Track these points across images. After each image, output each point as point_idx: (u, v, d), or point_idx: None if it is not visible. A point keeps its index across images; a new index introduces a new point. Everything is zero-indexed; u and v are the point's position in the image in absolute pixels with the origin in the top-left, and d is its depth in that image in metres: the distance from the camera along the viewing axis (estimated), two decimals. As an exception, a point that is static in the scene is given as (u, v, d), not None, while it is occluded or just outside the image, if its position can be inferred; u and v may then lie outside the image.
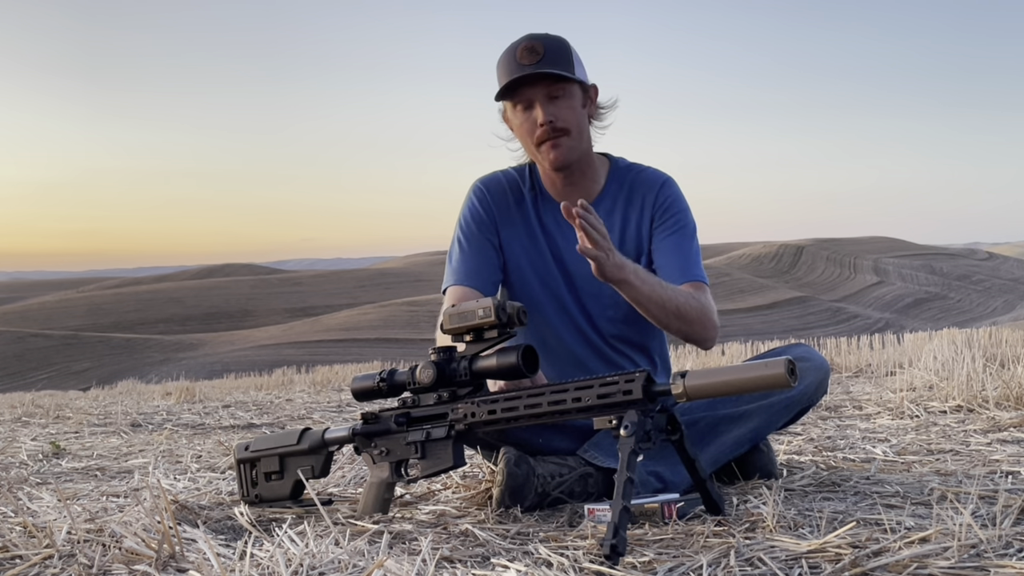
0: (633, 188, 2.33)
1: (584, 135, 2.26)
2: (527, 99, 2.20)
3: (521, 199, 2.34)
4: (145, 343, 56.32)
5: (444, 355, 1.91)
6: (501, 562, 1.50)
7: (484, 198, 2.34)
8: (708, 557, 1.48)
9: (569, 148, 2.22)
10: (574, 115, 2.21)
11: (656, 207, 2.30)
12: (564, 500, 2.03)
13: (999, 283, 79.50)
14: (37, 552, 1.63)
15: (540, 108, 2.18)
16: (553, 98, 2.18)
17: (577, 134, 2.23)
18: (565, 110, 2.19)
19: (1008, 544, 1.49)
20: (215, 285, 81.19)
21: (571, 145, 2.22)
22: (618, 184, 2.34)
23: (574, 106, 2.21)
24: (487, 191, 2.35)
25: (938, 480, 2.13)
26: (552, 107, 2.18)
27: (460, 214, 2.36)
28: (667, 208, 2.30)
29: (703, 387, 1.63)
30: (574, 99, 2.22)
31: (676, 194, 2.33)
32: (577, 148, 2.24)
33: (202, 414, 5.33)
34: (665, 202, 2.30)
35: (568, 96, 2.20)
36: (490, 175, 2.39)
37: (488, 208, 2.33)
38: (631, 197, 2.32)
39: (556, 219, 2.31)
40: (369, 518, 1.92)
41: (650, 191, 2.32)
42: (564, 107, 2.19)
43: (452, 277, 2.29)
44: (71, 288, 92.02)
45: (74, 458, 3.39)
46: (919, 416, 3.40)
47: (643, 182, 2.33)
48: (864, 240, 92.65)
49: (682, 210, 2.31)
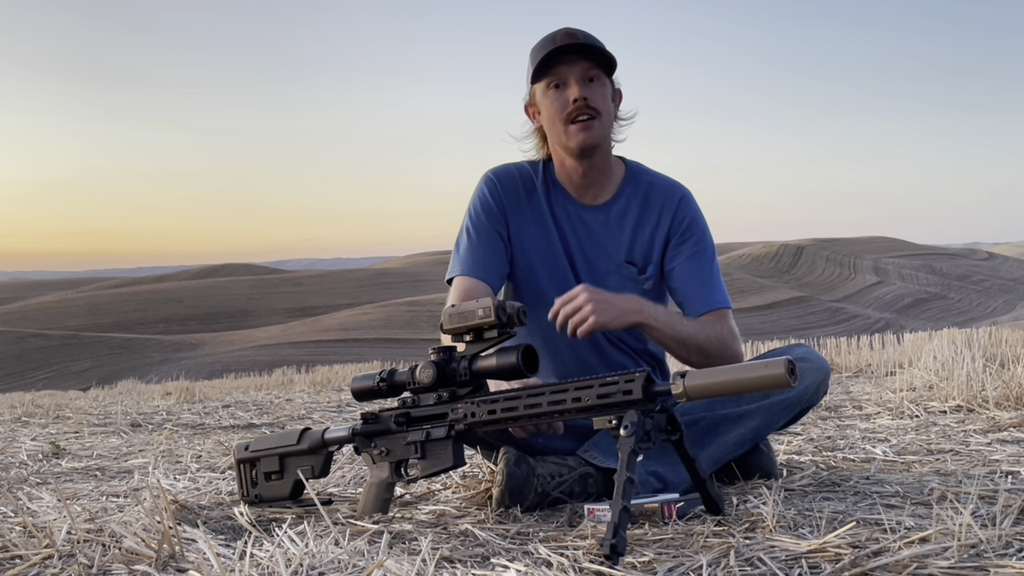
0: (649, 195, 2.31)
1: (610, 126, 2.26)
2: (563, 77, 2.19)
3: (533, 190, 2.33)
4: (145, 343, 56.32)
5: (444, 355, 1.91)
6: (501, 562, 1.50)
7: (495, 188, 2.33)
8: (708, 557, 1.48)
9: (598, 132, 2.21)
10: (605, 102, 2.22)
11: (675, 224, 2.29)
12: (564, 500, 2.03)
13: (999, 283, 79.51)
14: (37, 552, 1.63)
15: (576, 85, 2.18)
16: (589, 80, 2.19)
17: (607, 121, 2.23)
18: (598, 94, 2.20)
19: (1008, 544, 1.49)
20: (215, 285, 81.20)
21: (600, 130, 2.21)
22: (633, 187, 2.32)
23: (606, 94, 2.22)
24: (498, 181, 2.33)
25: (938, 480, 2.13)
26: (588, 88, 2.19)
27: (470, 203, 2.35)
28: (687, 228, 2.29)
29: (703, 387, 1.63)
30: (606, 88, 2.23)
31: (696, 212, 2.32)
32: (604, 135, 2.23)
33: (202, 414, 5.33)
34: (684, 221, 2.29)
35: (602, 83, 2.21)
36: (502, 166, 2.38)
37: (498, 198, 2.32)
38: (647, 203, 2.31)
39: (567, 212, 2.31)
40: (369, 518, 1.92)
41: (668, 204, 2.30)
42: (598, 91, 2.20)
43: (459, 267, 2.28)
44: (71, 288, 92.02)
45: (74, 458, 3.39)
46: (919, 416, 3.40)
47: (660, 191, 2.32)
48: (864, 240, 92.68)
49: (702, 230, 2.31)
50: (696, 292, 2.23)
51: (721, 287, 2.28)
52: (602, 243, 2.28)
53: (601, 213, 2.31)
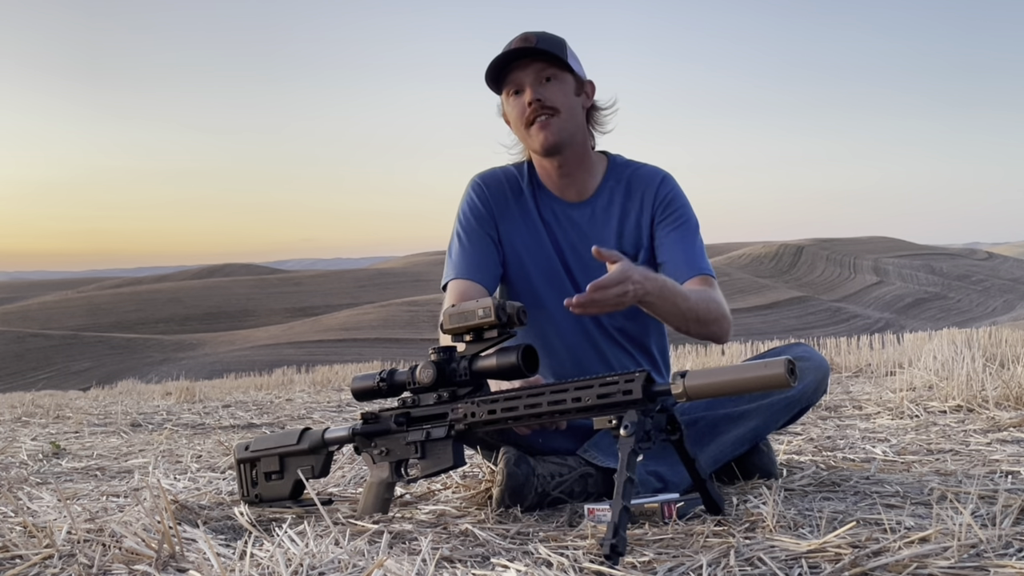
0: (631, 183, 2.33)
1: (576, 120, 2.26)
2: (518, 83, 2.22)
3: (520, 193, 2.35)
4: (145, 343, 56.31)
5: (444, 355, 1.91)
6: (501, 562, 1.50)
7: (482, 193, 2.35)
8: (708, 557, 1.48)
9: (559, 128, 2.22)
10: (565, 98, 2.23)
11: (657, 203, 2.31)
12: (564, 500, 2.03)
13: (999, 283, 79.50)
14: (37, 552, 1.63)
15: (530, 89, 2.20)
16: (544, 81, 2.20)
17: (568, 116, 2.23)
18: (555, 92, 2.21)
19: (1008, 544, 1.49)
20: (215, 285, 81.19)
21: (561, 126, 2.22)
22: (615, 179, 2.34)
23: (566, 91, 2.23)
24: (485, 186, 2.36)
25: (938, 480, 2.13)
26: (542, 88, 2.20)
27: (459, 209, 2.37)
28: (668, 203, 2.31)
29: (703, 387, 1.63)
30: (566, 84, 2.23)
31: (676, 189, 2.33)
32: (567, 130, 2.23)
33: (202, 414, 5.33)
34: (666, 198, 2.31)
35: (560, 81, 2.22)
36: (488, 171, 2.40)
37: (486, 202, 2.34)
38: (629, 192, 2.33)
39: (555, 212, 2.32)
40: (369, 518, 1.92)
41: (649, 187, 2.32)
42: (555, 89, 2.21)
43: (453, 271, 2.29)
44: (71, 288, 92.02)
45: (74, 458, 3.39)
46: (919, 416, 3.40)
47: (641, 178, 2.34)
48: (864, 240, 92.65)
49: (683, 205, 2.32)
50: (681, 259, 2.24)
51: (705, 257, 2.28)
52: (591, 238, 2.28)
53: (587, 208, 2.32)
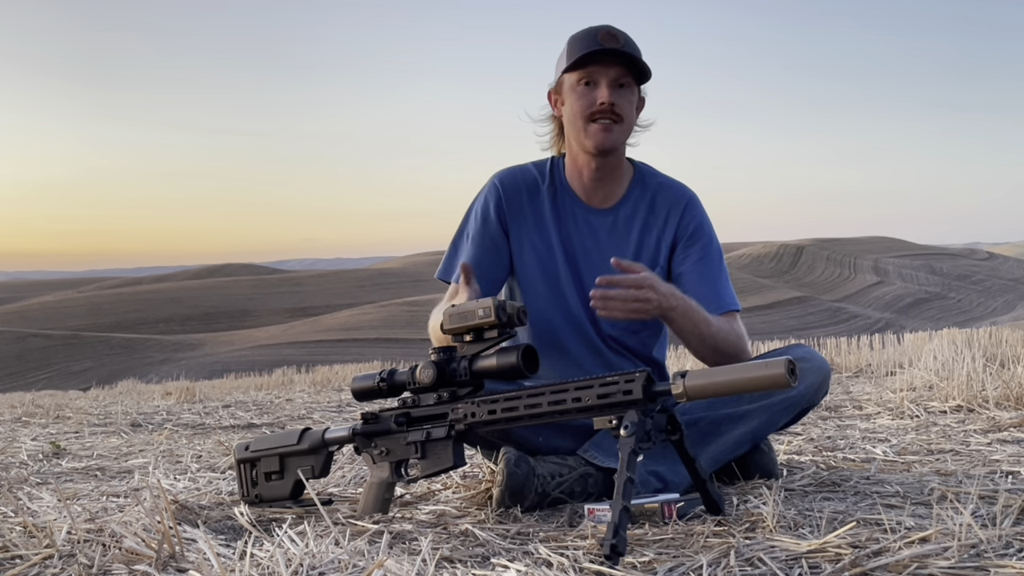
0: (656, 198, 2.33)
1: (629, 133, 2.28)
2: (595, 77, 2.20)
3: (537, 194, 2.34)
4: (145, 343, 56.32)
5: (444, 355, 1.91)
6: (501, 562, 1.50)
7: (498, 194, 2.33)
8: (708, 557, 1.48)
9: (617, 136, 2.23)
10: (631, 109, 2.25)
11: (681, 228, 2.31)
12: (564, 500, 2.03)
13: (999, 283, 79.52)
14: (37, 552, 1.63)
15: (606, 88, 2.19)
16: (620, 85, 2.21)
17: (627, 128, 2.26)
18: (626, 101, 2.22)
19: (1008, 544, 1.49)
20: (215, 285, 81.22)
21: (620, 135, 2.24)
22: (641, 190, 2.34)
23: (633, 102, 2.25)
24: (502, 187, 2.34)
25: (938, 480, 2.13)
26: (616, 93, 2.20)
27: (473, 205, 2.37)
28: (694, 232, 2.31)
29: (703, 387, 1.63)
30: (633, 96, 2.25)
31: (702, 216, 2.34)
32: (622, 140, 2.26)
33: (202, 414, 5.33)
34: (691, 224, 2.31)
35: (630, 91, 2.23)
36: (507, 171, 2.38)
37: (500, 204, 2.33)
38: (654, 206, 2.32)
39: (575, 216, 2.32)
40: (369, 518, 1.92)
41: (675, 208, 2.32)
42: (626, 97, 2.22)
43: (453, 271, 2.30)
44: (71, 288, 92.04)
45: (74, 458, 3.39)
46: (919, 416, 3.40)
47: (667, 194, 2.34)
48: (864, 240, 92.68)
49: (709, 234, 2.32)
50: (707, 295, 2.23)
51: (731, 289, 2.30)
52: (608, 247, 2.28)
53: (609, 216, 2.32)
